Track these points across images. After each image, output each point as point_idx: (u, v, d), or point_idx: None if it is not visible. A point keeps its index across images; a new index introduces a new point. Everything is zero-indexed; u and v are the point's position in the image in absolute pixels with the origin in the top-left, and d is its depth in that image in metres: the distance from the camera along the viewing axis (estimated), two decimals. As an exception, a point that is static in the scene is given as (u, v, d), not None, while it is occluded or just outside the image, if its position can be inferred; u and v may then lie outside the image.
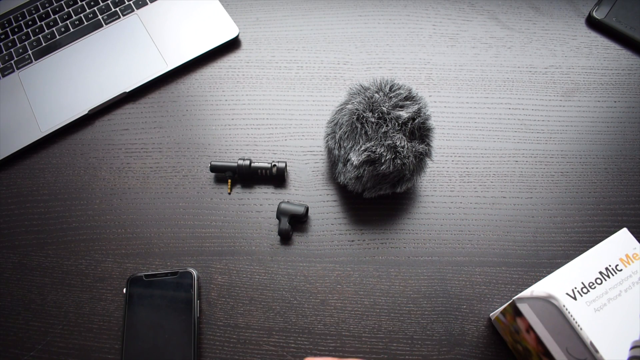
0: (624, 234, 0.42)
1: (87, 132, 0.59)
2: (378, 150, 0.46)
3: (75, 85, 0.60)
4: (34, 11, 0.65)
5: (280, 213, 0.51)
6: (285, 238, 0.52)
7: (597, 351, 0.38)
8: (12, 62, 0.62)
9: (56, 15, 0.64)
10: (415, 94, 0.48)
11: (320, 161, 0.56)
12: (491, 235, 0.51)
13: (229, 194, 0.54)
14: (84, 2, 0.65)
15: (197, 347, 0.47)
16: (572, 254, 0.50)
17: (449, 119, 0.57)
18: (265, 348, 0.48)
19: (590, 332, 0.38)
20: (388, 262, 0.51)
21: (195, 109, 0.59)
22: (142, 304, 0.48)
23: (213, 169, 0.54)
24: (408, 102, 0.47)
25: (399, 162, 0.46)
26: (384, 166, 0.46)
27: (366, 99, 0.47)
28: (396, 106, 0.47)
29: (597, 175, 0.54)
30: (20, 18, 0.65)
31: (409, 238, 0.51)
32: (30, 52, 0.62)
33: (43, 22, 0.64)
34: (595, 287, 0.40)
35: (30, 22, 0.64)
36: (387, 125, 0.46)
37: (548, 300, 0.39)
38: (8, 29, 0.64)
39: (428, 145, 0.48)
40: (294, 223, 0.52)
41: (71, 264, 0.52)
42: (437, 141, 0.56)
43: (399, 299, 0.49)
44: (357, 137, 0.47)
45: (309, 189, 0.54)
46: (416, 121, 0.47)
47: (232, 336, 0.48)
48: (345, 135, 0.48)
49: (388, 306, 0.49)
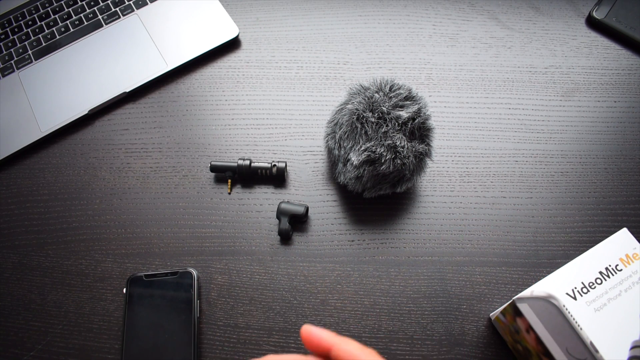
0: (624, 234, 0.42)
1: (87, 132, 0.59)
2: (378, 150, 0.46)
3: (75, 85, 0.60)
4: (34, 11, 0.65)
5: (280, 213, 0.51)
6: (285, 238, 0.52)
7: (597, 351, 0.38)
8: (12, 62, 0.62)
9: (56, 15, 0.64)
10: (415, 94, 0.48)
11: (320, 161, 0.56)
12: (491, 235, 0.51)
13: (229, 194, 0.54)
14: (84, 2, 0.65)
15: (197, 347, 0.47)
16: (572, 254, 0.50)
17: (449, 119, 0.57)
18: (265, 348, 0.47)
19: (590, 332, 0.38)
20: (388, 262, 0.51)
21: (195, 109, 0.59)
22: (142, 304, 0.48)
23: (213, 169, 0.54)
24: (408, 102, 0.47)
25: (399, 162, 0.46)
26: (384, 166, 0.46)
27: (366, 99, 0.47)
28: (396, 106, 0.47)
29: (597, 175, 0.54)
30: (20, 18, 0.65)
31: (409, 238, 0.51)
32: (30, 52, 0.62)
33: (43, 22, 0.64)
34: (595, 287, 0.40)
35: (30, 22, 0.64)
36: (387, 125, 0.46)
37: (548, 300, 0.39)
38: (8, 29, 0.64)
39: (428, 145, 0.48)
40: (294, 223, 0.52)
41: (71, 264, 0.52)
42: (437, 141, 0.56)
43: (399, 299, 0.49)
44: (357, 137, 0.47)
45: (309, 189, 0.54)
46: (416, 121, 0.47)
47: (232, 336, 0.48)
48: (345, 135, 0.48)
49: (388, 306, 0.49)
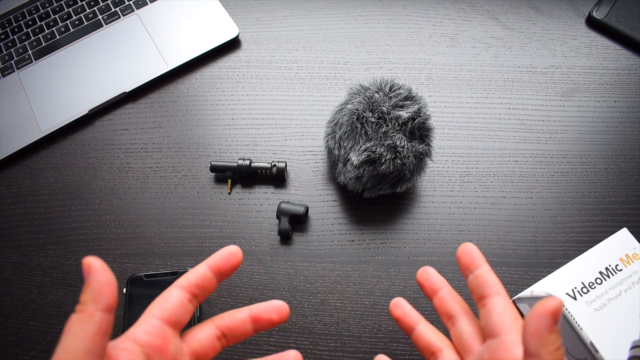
0: (624, 234, 0.42)
1: (87, 132, 0.59)
2: (378, 150, 0.46)
3: (75, 85, 0.60)
4: (34, 11, 0.65)
5: (280, 213, 0.51)
6: (285, 238, 0.52)
7: (597, 351, 0.38)
8: (12, 62, 0.62)
9: (56, 15, 0.64)
10: (415, 94, 0.48)
11: (320, 161, 0.56)
12: (491, 235, 0.51)
13: (229, 194, 0.54)
14: (84, 2, 0.65)
15: (197, 347, 0.47)
16: (572, 254, 0.50)
17: (449, 119, 0.57)
18: (265, 348, 0.48)
19: (590, 332, 0.38)
20: (388, 262, 0.51)
21: (195, 109, 0.59)
22: (142, 304, 0.48)
23: (213, 169, 0.54)
24: (408, 102, 0.47)
25: (399, 162, 0.46)
26: (384, 166, 0.46)
27: (366, 99, 0.47)
28: (396, 106, 0.47)
29: (597, 175, 0.54)
30: (20, 18, 0.65)
31: (409, 238, 0.51)
32: (30, 52, 0.62)
33: (43, 22, 0.64)
34: (595, 287, 0.40)
35: (30, 22, 0.64)
36: (387, 125, 0.46)
37: (548, 300, 0.39)
38: (8, 29, 0.64)
39: (428, 145, 0.48)
40: (294, 223, 0.52)
41: (71, 264, 0.52)
42: (437, 141, 0.56)
43: (399, 299, 0.49)
44: (357, 137, 0.47)
45: (309, 189, 0.54)
46: (416, 121, 0.47)
47: (232, 336, 0.48)
48: (345, 135, 0.48)
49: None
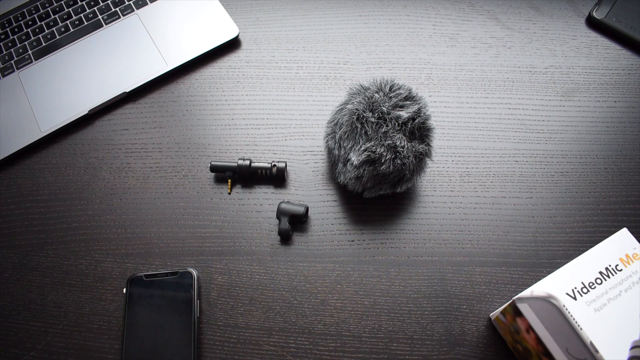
0: (624, 234, 0.42)
1: (87, 132, 0.59)
2: (378, 150, 0.46)
3: (75, 85, 0.60)
4: (34, 11, 0.65)
5: (280, 213, 0.51)
6: (285, 238, 0.52)
7: (597, 351, 0.38)
8: (12, 62, 0.62)
9: (56, 15, 0.64)
10: (415, 94, 0.48)
11: (320, 161, 0.56)
12: (491, 235, 0.51)
13: (229, 194, 0.54)
14: (84, 2, 0.65)
15: (197, 347, 0.47)
16: (572, 254, 0.50)
17: (449, 119, 0.57)
18: (265, 348, 0.48)
19: (590, 332, 0.38)
20: (388, 262, 0.51)
21: (195, 109, 0.59)
22: (142, 304, 0.48)
23: (213, 169, 0.54)
24: (408, 102, 0.47)
25: (399, 162, 0.46)
26: (384, 166, 0.46)
27: (366, 99, 0.47)
28: (396, 106, 0.47)
29: (597, 175, 0.54)
30: (20, 18, 0.65)
31: (409, 238, 0.51)
32: (30, 52, 0.62)
33: (43, 22, 0.64)
34: (595, 287, 0.40)
35: (30, 22, 0.64)
36: (387, 125, 0.46)
37: (548, 300, 0.39)
38: (8, 29, 0.64)
39: (428, 145, 0.48)
40: (294, 223, 0.52)
41: (71, 264, 0.52)
42: (437, 141, 0.56)
43: (399, 299, 0.49)
44: (357, 137, 0.47)
45: (309, 189, 0.54)
46: (416, 121, 0.47)
47: (232, 336, 0.48)
48: (345, 135, 0.48)
49: (388, 306, 0.49)
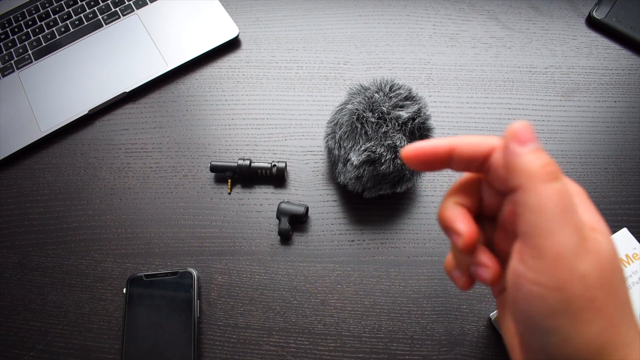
0: (624, 234, 0.42)
1: (87, 132, 0.59)
2: (378, 150, 0.46)
3: (75, 85, 0.60)
4: (34, 11, 0.65)
5: (280, 213, 0.51)
6: (285, 238, 0.52)
7: (597, 351, 0.38)
8: (12, 62, 0.62)
9: (56, 15, 0.64)
10: (415, 94, 0.48)
11: (320, 161, 0.56)
12: (491, 235, 0.51)
13: (229, 194, 0.54)
14: (84, 2, 0.65)
15: (197, 347, 0.47)
16: (572, 254, 0.50)
17: (449, 119, 0.57)
18: (265, 348, 0.47)
19: (590, 332, 0.38)
20: (388, 262, 0.51)
21: (195, 109, 0.59)
22: (142, 304, 0.48)
23: (213, 169, 0.54)
24: (408, 102, 0.47)
25: (399, 162, 0.46)
26: (384, 166, 0.46)
27: (366, 99, 0.47)
28: (396, 106, 0.47)
29: (597, 175, 0.54)
30: (20, 18, 0.65)
31: (409, 238, 0.51)
32: (30, 52, 0.62)
33: (43, 22, 0.64)
34: (595, 287, 0.40)
35: (30, 22, 0.64)
36: (387, 125, 0.46)
37: (548, 300, 0.39)
38: (8, 29, 0.64)
39: (428, 145, 0.48)
40: (294, 223, 0.52)
41: (71, 264, 0.52)
42: (437, 141, 0.56)
43: (399, 299, 0.49)
44: (357, 137, 0.47)
45: (309, 189, 0.54)
46: (416, 121, 0.47)
47: (232, 336, 0.48)
48: (345, 135, 0.48)
49: (388, 306, 0.49)
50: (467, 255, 0.25)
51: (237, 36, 0.62)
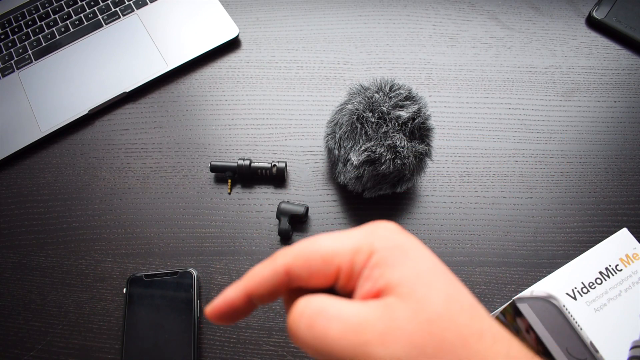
0: (624, 234, 0.42)
1: (87, 132, 0.59)
2: (378, 150, 0.46)
3: (75, 85, 0.60)
4: (34, 11, 0.65)
5: (280, 213, 0.51)
6: (285, 238, 0.52)
7: (597, 351, 0.38)
8: (12, 62, 0.62)
9: (56, 15, 0.64)
10: (415, 94, 0.48)
11: (320, 161, 0.56)
12: (491, 235, 0.51)
13: (229, 194, 0.54)
14: (84, 2, 0.65)
15: (197, 347, 0.47)
16: (572, 254, 0.50)
17: (449, 119, 0.57)
18: (265, 348, 0.47)
19: (590, 332, 0.38)
20: (388, 262, 0.50)
21: (195, 109, 0.59)
22: (142, 304, 0.48)
23: (213, 169, 0.54)
24: (408, 102, 0.47)
25: (399, 162, 0.46)
26: (384, 166, 0.46)
27: (366, 99, 0.47)
28: (396, 106, 0.47)
29: (597, 175, 0.54)
30: (20, 18, 0.65)
31: (409, 238, 0.51)
32: (30, 52, 0.62)
33: (43, 22, 0.64)
34: (595, 287, 0.40)
35: (30, 22, 0.64)
36: (387, 125, 0.46)
37: (548, 300, 0.39)
38: (8, 29, 0.64)
39: (428, 145, 0.48)
40: (294, 223, 0.52)
41: (71, 264, 0.52)
42: (437, 141, 0.56)
43: (399, 299, 0.49)
44: (357, 137, 0.47)
45: (309, 189, 0.54)
46: (416, 121, 0.47)
47: (232, 336, 0.48)
48: (345, 135, 0.48)
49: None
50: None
51: (237, 36, 0.62)
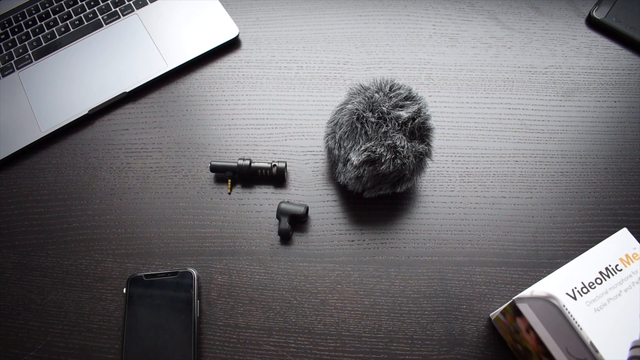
0: (624, 234, 0.42)
1: (87, 132, 0.59)
2: (378, 150, 0.46)
3: (75, 85, 0.60)
4: (34, 11, 0.65)
5: (280, 213, 0.51)
6: (285, 238, 0.52)
7: (597, 351, 0.38)
8: (12, 62, 0.62)
9: (56, 15, 0.64)
10: (415, 94, 0.48)
11: (320, 161, 0.56)
12: (491, 235, 0.51)
13: (229, 194, 0.54)
14: (84, 2, 0.65)
15: (197, 347, 0.47)
16: (572, 254, 0.50)
17: (449, 119, 0.57)
18: (265, 348, 0.48)
19: (590, 332, 0.38)
20: (388, 262, 0.51)
21: (195, 109, 0.59)
22: (142, 304, 0.48)
23: (213, 169, 0.54)
24: (408, 102, 0.47)
25: (399, 162, 0.46)
26: (384, 166, 0.46)
27: (366, 99, 0.47)
28: (396, 106, 0.47)
29: (597, 175, 0.54)
30: (20, 18, 0.65)
31: (409, 238, 0.51)
32: (30, 52, 0.62)
33: (43, 22, 0.64)
34: (595, 287, 0.40)
35: (30, 22, 0.64)
36: (387, 125, 0.46)
37: (548, 300, 0.39)
38: (8, 29, 0.64)
39: (428, 145, 0.48)
40: (294, 223, 0.52)
41: (71, 264, 0.52)
42: (437, 141, 0.56)
43: (399, 299, 0.49)
44: (357, 137, 0.47)
45: (309, 189, 0.54)
46: (416, 121, 0.47)
47: (232, 336, 0.48)
48: (345, 135, 0.48)
49: (388, 306, 0.49)
50: None
51: (237, 36, 0.62)
